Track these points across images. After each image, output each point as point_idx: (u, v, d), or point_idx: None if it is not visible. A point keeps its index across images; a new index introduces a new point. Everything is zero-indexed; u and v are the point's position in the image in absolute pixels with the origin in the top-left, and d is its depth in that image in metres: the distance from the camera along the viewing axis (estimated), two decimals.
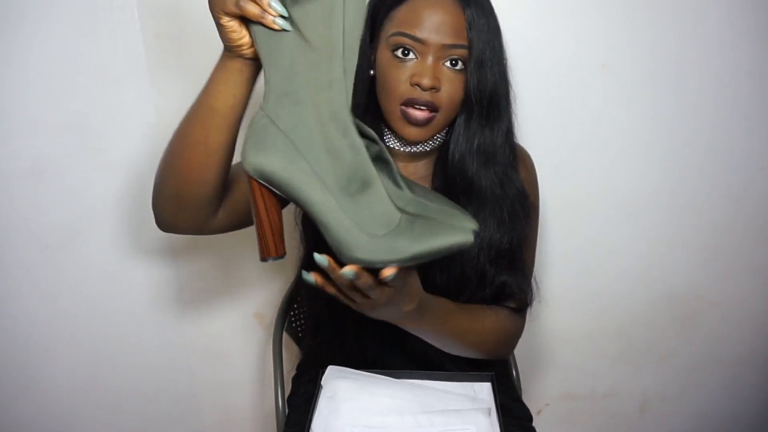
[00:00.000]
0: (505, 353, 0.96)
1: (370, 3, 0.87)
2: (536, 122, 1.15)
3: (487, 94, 0.84)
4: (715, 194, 1.23)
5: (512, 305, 0.92)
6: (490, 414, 0.83)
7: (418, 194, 0.67)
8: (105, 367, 1.17)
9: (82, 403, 1.14)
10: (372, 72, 0.87)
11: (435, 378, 0.89)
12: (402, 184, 0.67)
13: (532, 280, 0.95)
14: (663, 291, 1.30)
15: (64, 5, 1.01)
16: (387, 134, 0.91)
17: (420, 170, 0.94)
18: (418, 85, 0.81)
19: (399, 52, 0.82)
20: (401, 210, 0.64)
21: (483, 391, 0.89)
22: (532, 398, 1.15)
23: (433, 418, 0.81)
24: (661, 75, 1.14)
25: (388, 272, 0.62)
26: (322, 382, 0.93)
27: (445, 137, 0.92)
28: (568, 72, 1.14)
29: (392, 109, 0.84)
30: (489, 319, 0.88)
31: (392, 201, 0.64)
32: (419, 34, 0.81)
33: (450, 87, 0.83)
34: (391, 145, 0.92)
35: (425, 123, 0.83)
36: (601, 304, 1.31)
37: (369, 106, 0.89)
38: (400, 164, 0.93)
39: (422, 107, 0.82)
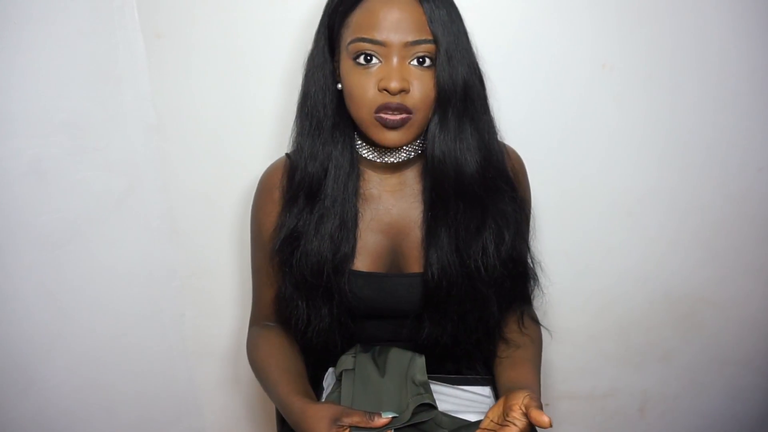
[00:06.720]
0: None
1: (324, 12, 0.84)
2: (536, 121, 1.15)
3: (460, 87, 0.80)
4: (715, 194, 1.22)
5: (527, 309, 0.94)
6: None
7: None
8: (105, 367, 1.17)
9: (82, 402, 1.14)
10: (339, 86, 0.83)
11: (436, 381, 0.87)
12: None
13: (535, 269, 0.94)
14: (663, 291, 1.30)
15: (64, 5, 1.00)
16: (363, 147, 0.87)
17: (408, 181, 0.89)
18: (386, 90, 0.77)
19: (361, 59, 0.78)
20: None
21: (484, 393, 0.89)
22: None
23: None
24: (661, 74, 1.14)
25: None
26: (324, 383, 0.93)
27: (425, 142, 0.86)
28: (569, 71, 1.14)
29: (365, 118, 0.80)
30: (537, 348, 0.91)
31: None
32: (378, 36, 0.76)
33: (420, 86, 0.78)
34: (369, 158, 0.87)
35: (402, 124, 0.79)
36: (601, 304, 1.31)
37: (338, 121, 0.85)
38: (383, 177, 0.89)
39: (395, 112, 0.78)
